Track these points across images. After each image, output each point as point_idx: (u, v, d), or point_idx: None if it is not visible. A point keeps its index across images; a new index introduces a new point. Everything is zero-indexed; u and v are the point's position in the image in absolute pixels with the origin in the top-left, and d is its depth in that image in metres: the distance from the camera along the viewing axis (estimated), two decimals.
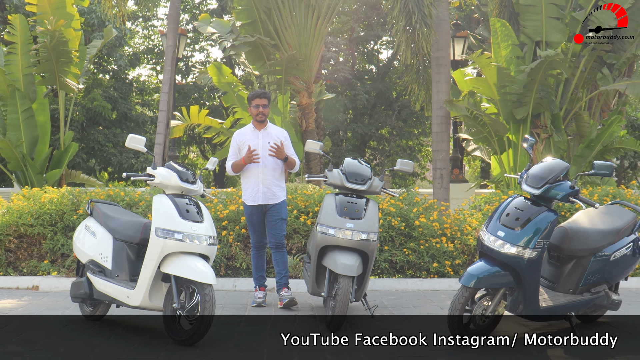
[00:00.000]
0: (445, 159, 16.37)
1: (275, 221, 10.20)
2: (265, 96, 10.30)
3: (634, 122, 31.13)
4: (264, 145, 10.18)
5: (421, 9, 15.12)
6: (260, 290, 10.34)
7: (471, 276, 7.73)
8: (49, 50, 18.95)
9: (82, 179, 22.92)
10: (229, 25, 21.51)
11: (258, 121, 10.28)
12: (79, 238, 9.02)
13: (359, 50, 37.07)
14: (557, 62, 16.75)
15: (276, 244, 10.20)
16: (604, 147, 19.37)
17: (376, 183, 9.46)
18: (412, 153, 37.52)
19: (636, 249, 8.86)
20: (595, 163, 8.28)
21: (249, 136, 10.31)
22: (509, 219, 7.89)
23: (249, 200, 10.25)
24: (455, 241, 12.57)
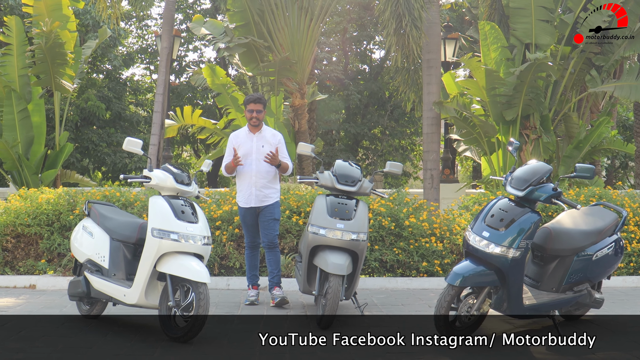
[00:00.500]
0: (436, 159, 16.56)
1: (268, 221, 10.34)
2: (260, 101, 10.42)
3: (625, 122, 31.35)
4: (257, 149, 10.35)
5: (411, 12, 15.29)
6: (253, 288, 10.52)
7: (457, 275, 7.98)
8: (45, 51, 19.10)
9: (76, 178, 23.04)
10: (222, 27, 21.65)
11: (252, 125, 10.43)
12: (76, 238, 9.23)
13: (352, 50, 37.21)
14: (546, 65, 16.95)
15: (269, 244, 10.36)
16: (593, 147, 19.59)
17: (366, 184, 9.67)
18: (404, 153, 37.65)
19: (618, 249, 9.11)
20: (577, 166, 8.54)
21: (243, 139, 10.47)
22: (494, 220, 8.14)
23: (242, 202, 10.43)
24: (444, 241, 12.78)
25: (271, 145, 10.39)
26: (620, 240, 9.18)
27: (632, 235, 13.12)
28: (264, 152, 10.30)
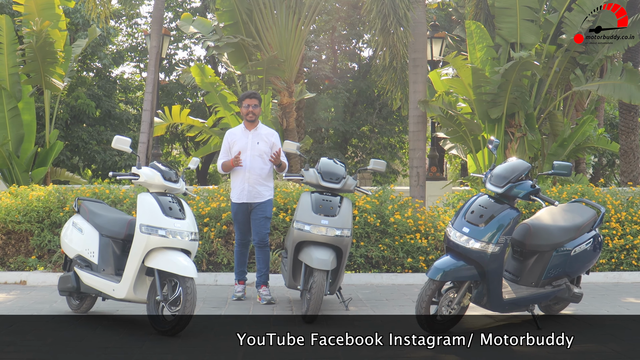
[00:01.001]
0: (422, 157, 16.71)
1: (259, 219, 10.41)
2: (255, 96, 10.53)
3: (612, 120, 31.53)
4: (252, 145, 10.43)
5: (397, 12, 15.43)
6: (240, 284, 10.62)
7: (438, 270, 8.16)
8: (35, 50, 19.20)
9: (66, 176, 23.14)
10: (211, 25, 21.79)
11: (248, 121, 10.50)
12: (66, 234, 9.38)
13: (341, 48, 37.32)
14: (530, 64, 17.13)
15: (260, 242, 10.43)
16: (577, 145, 19.76)
17: (350, 182, 9.82)
18: (393, 150, 37.79)
19: (596, 245, 9.31)
20: (554, 163, 8.74)
21: (239, 136, 10.54)
22: (474, 216, 8.33)
23: (235, 198, 10.48)
24: (429, 237, 12.97)
25: (266, 142, 10.48)
26: (598, 236, 9.38)
27: (614, 232, 13.32)
28: (259, 148, 10.42)
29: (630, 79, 17.68)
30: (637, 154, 22.36)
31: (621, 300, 10.92)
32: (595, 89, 18.30)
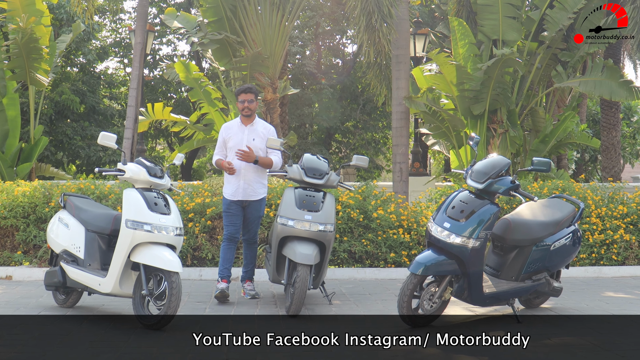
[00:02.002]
0: (405, 153, 16.78)
1: (252, 218, 10.37)
2: (251, 91, 10.29)
3: (595, 116, 31.72)
4: (248, 141, 10.22)
5: (381, 9, 15.50)
6: (223, 282, 10.21)
7: (419, 264, 8.31)
8: (20, 46, 19.24)
9: (51, 172, 23.14)
10: (195, 21, 21.84)
11: (245, 116, 10.31)
12: (52, 229, 9.48)
13: (325, 44, 37.37)
14: (512, 60, 17.25)
15: (250, 239, 10.46)
16: (559, 141, 19.91)
17: (333, 177, 9.91)
18: (377, 146, 37.89)
19: (575, 239, 9.47)
20: (534, 159, 8.90)
21: (235, 130, 10.36)
22: (455, 212, 8.48)
23: (229, 194, 10.30)
24: (411, 232, 13.07)
25: (262, 138, 10.29)
26: (577, 231, 9.54)
27: (594, 227, 13.46)
28: (255, 145, 10.24)
29: (610, 75, 17.81)
30: (618, 149, 22.58)
31: (601, 295, 11.06)
32: (576, 85, 18.43)
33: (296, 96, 31.19)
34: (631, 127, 32.68)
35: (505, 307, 9.51)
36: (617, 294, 11.24)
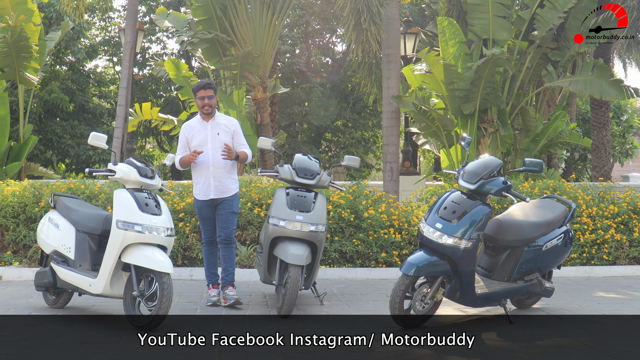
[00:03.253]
0: (395, 152, 16.76)
1: (226, 215, 9.92)
2: (210, 87, 9.88)
3: (585, 115, 31.74)
4: (213, 137, 9.85)
5: (370, 9, 15.47)
6: (214, 288, 10.05)
7: (411, 265, 8.29)
8: (10, 45, 19.14)
9: (40, 171, 23.06)
10: (185, 20, 21.82)
11: (205, 114, 9.90)
12: (42, 230, 9.44)
13: (315, 43, 37.37)
14: (503, 60, 17.24)
15: (225, 239, 9.95)
16: (549, 141, 19.90)
17: (324, 178, 9.88)
18: (367, 145, 37.92)
19: (567, 240, 9.47)
20: (525, 160, 8.89)
21: (197, 128, 9.95)
22: (447, 212, 8.47)
23: (200, 194, 9.93)
24: (402, 232, 13.06)
25: (227, 132, 9.94)
26: (569, 232, 9.54)
27: (585, 227, 13.46)
28: (220, 139, 9.85)
29: (601, 75, 17.82)
30: (608, 149, 22.57)
31: (592, 295, 11.07)
32: (566, 84, 18.41)
33: (286, 95, 31.20)
34: (621, 126, 32.69)
35: (497, 307, 9.51)
36: (609, 294, 11.24)
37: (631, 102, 33.45)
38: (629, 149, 33.08)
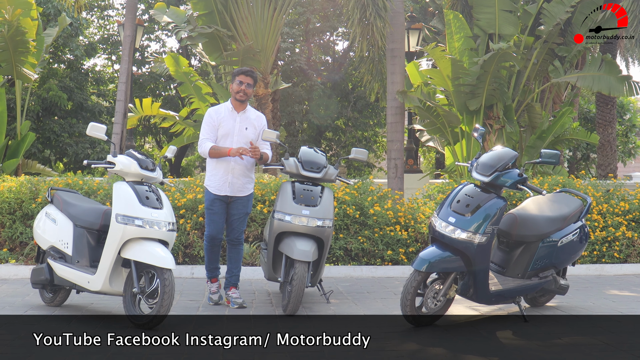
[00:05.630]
0: (400, 149, 16.54)
1: (239, 215, 9.52)
2: (252, 75, 9.42)
3: (587, 114, 31.59)
4: (240, 131, 9.37)
5: (376, 2, 15.27)
6: (213, 281, 9.66)
7: (423, 261, 7.99)
8: (6, 40, 18.94)
9: (38, 169, 22.90)
10: (185, 15, 21.59)
11: (238, 100, 9.41)
12: (39, 225, 9.15)
13: (315, 41, 37.19)
14: (509, 55, 17.02)
15: (235, 239, 9.57)
16: (555, 138, 19.70)
17: (331, 171, 9.57)
18: (367, 144, 37.69)
19: (583, 236, 9.20)
20: (542, 152, 8.57)
21: (225, 116, 9.42)
22: (460, 206, 8.17)
23: (215, 188, 9.43)
24: (408, 229, 12.82)
25: (255, 128, 9.49)
26: (584, 227, 9.28)
27: (596, 224, 13.22)
28: (247, 135, 9.39)
29: (609, 70, 17.63)
30: (614, 146, 22.38)
31: (605, 293, 10.83)
32: (574, 80, 18.23)
33: (287, 93, 31.01)
34: (624, 125, 32.57)
35: (510, 305, 9.26)
36: (622, 292, 11.01)
37: (634, 102, 33.34)
38: (631, 148, 32.96)
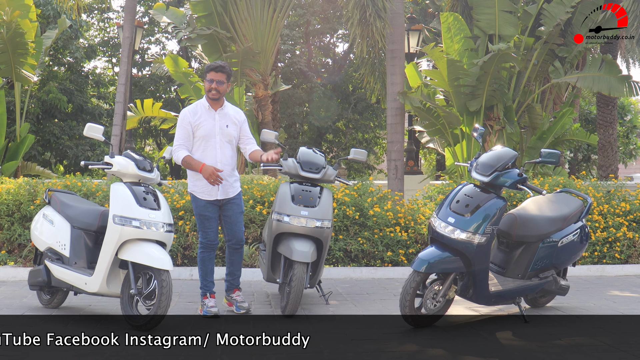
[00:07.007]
0: (400, 150, 16.48)
1: (235, 215, 9.08)
2: (223, 70, 8.83)
3: (587, 116, 31.55)
4: (221, 129, 8.88)
5: (375, 3, 15.24)
6: (212, 297, 9.00)
7: (422, 261, 7.95)
8: (5, 41, 18.92)
9: (37, 171, 22.88)
10: (184, 16, 21.57)
11: (211, 99, 8.89)
12: (37, 226, 9.12)
13: (315, 43, 37.19)
14: (509, 56, 16.97)
15: (237, 243, 9.12)
16: (556, 138, 19.68)
17: (330, 172, 9.52)
18: (367, 145, 37.69)
19: (583, 236, 9.15)
20: (542, 151, 8.52)
21: (203, 116, 8.87)
22: (459, 206, 8.12)
23: (204, 194, 8.94)
24: (408, 230, 12.76)
25: (235, 124, 9.00)
26: (585, 227, 9.23)
27: (597, 225, 13.17)
28: (229, 133, 8.92)
29: (609, 71, 17.58)
30: (615, 147, 22.29)
31: (606, 294, 10.78)
32: (574, 81, 18.19)
33: (287, 95, 31.00)
34: (624, 126, 32.52)
35: (510, 306, 9.22)
36: (623, 292, 10.95)
37: (634, 103, 33.29)
38: (632, 150, 32.90)
